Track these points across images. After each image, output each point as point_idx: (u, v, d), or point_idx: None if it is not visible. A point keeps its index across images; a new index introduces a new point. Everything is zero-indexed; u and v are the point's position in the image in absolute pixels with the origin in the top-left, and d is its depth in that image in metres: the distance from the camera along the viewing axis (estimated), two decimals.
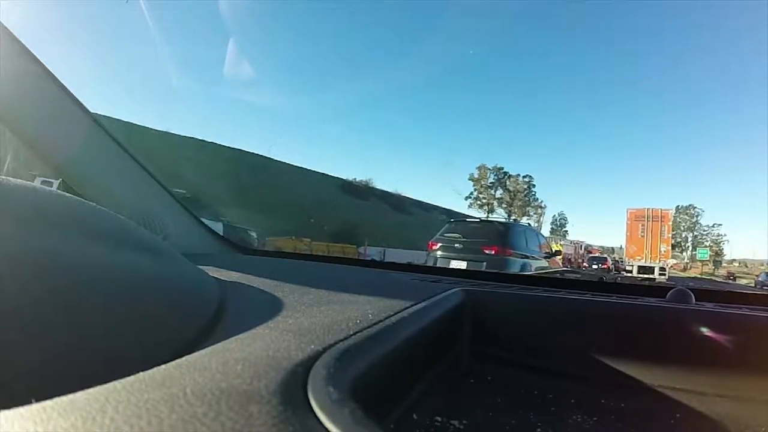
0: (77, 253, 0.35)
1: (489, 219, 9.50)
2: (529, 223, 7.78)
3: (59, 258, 0.33)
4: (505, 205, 43.95)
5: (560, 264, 8.61)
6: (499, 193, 44.49)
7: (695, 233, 46.36)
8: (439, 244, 6.37)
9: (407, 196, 38.97)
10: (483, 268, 5.21)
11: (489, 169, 44.36)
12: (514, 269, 5.71)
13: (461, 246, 6.09)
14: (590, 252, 29.53)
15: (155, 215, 0.99)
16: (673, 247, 41.28)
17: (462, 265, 5.59)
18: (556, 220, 48.07)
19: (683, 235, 46.80)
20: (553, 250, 7.57)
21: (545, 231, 39.54)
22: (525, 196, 44.02)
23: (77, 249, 0.35)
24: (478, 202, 43.54)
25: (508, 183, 43.82)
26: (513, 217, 38.61)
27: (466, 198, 44.19)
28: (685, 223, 46.45)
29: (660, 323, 0.54)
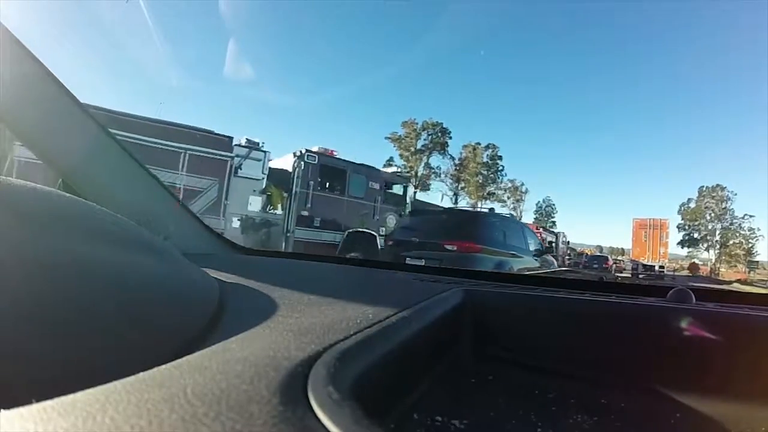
0: (77, 253, 0.35)
1: (458, 208, 7.53)
2: (511, 214, 6.72)
3: (59, 258, 0.33)
4: (451, 180, 31.97)
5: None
6: (442, 163, 31.85)
7: (724, 224, 32.25)
8: (396, 238, 5.52)
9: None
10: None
11: (419, 125, 30.32)
12: (485, 269, 4.53)
13: (419, 240, 5.15)
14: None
15: (156, 215, 0.99)
16: (696, 242, 34.06)
17: (419, 263, 4.64)
18: (540, 207, 37.43)
19: (709, 227, 32.83)
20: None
21: (527, 220, 29.84)
22: (488, 171, 32.22)
23: (77, 249, 0.35)
24: (404, 172, 28.70)
25: (451, 147, 31.34)
26: (464, 198, 31.70)
27: (385, 166, 28.22)
28: (712, 210, 32.66)
29: (660, 323, 0.54)
